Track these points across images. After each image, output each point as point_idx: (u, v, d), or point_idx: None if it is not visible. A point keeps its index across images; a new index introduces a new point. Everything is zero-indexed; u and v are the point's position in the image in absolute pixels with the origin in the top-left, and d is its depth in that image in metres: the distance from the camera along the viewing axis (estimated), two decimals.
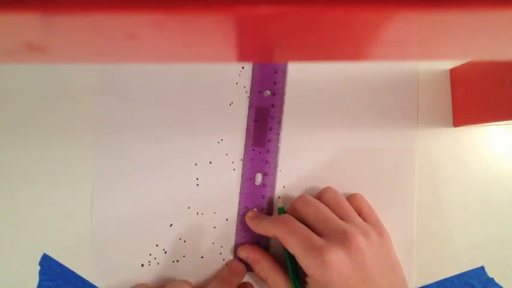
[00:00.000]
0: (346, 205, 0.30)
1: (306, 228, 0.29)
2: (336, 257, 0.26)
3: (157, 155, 0.34)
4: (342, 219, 0.29)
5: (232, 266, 0.33)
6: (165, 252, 0.34)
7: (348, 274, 0.26)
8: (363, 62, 0.36)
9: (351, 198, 0.32)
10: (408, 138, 0.35)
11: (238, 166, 0.34)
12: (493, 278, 0.33)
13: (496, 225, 0.34)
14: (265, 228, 0.31)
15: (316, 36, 0.12)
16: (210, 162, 0.34)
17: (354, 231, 0.27)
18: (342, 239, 0.27)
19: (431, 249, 0.33)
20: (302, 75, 0.35)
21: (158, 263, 0.33)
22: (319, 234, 0.28)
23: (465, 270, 0.33)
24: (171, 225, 0.34)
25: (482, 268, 0.34)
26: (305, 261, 0.27)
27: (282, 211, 0.32)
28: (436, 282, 0.33)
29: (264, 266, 0.31)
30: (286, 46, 0.14)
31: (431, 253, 0.34)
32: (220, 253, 0.34)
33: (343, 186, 0.33)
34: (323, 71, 0.35)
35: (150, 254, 0.34)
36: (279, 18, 0.11)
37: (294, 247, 0.28)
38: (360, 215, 0.31)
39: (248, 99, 0.35)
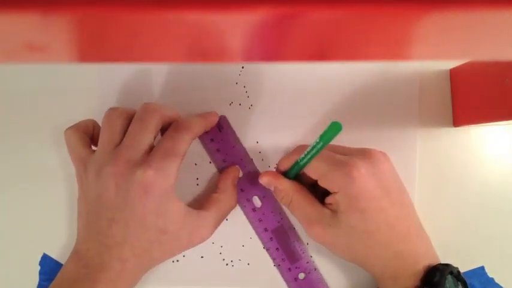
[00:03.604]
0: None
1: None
2: (362, 169, 0.27)
3: None
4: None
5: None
6: None
7: (372, 185, 0.27)
8: (362, 62, 0.36)
9: None
10: (408, 139, 0.35)
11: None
12: (493, 278, 0.33)
13: (495, 225, 0.34)
14: (289, 159, 0.30)
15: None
16: (210, 162, 0.34)
17: (372, 149, 0.29)
18: (363, 155, 0.28)
19: None
20: (294, 75, 0.35)
21: None
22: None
23: (465, 270, 0.33)
24: None
25: (482, 268, 0.34)
26: (331, 176, 0.28)
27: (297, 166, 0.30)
28: None
29: (288, 190, 0.30)
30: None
31: None
32: (220, 253, 0.34)
33: None
34: (321, 71, 0.35)
35: None
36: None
37: (318, 164, 0.28)
38: None
39: (248, 99, 0.35)
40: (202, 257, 0.34)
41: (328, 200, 0.29)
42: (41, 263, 0.33)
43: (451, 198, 0.34)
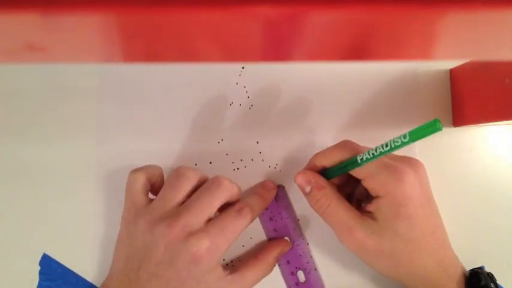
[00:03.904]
0: None
1: None
2: (410, 175, 0.27)
3: (157, 155, 0.34)
4: None
5: (265, 183, 0.33)
6: None
7: (418, 192, 0.27)
8: (362, 62, 0.36)
9: None
10: None
11: (240, 166, 0.34)
12: None
13: (496, 225, 0.34)
14: (330, 155, 0.29)
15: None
16: (210, 163, 0.34)
17: (413, 158, 0.29)
18: (408, 162, 0.28)
19: None
20: (295, 76, 0.35)
21: None
22: None
23: None
24: None
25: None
26: (381, 178, 0.27)
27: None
28: None
29: (328, 192, 0.28)
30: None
31: None
32: None
33: None
34: (321, 71, 0.35)
35: None
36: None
37: (368, 166, 0.27)
38: None
39: (248, 99, 0.35)
40: None
41: (369, 207, 0.28)
42: (41, 263, 0.33)
43: (451, 199, 0.34)
